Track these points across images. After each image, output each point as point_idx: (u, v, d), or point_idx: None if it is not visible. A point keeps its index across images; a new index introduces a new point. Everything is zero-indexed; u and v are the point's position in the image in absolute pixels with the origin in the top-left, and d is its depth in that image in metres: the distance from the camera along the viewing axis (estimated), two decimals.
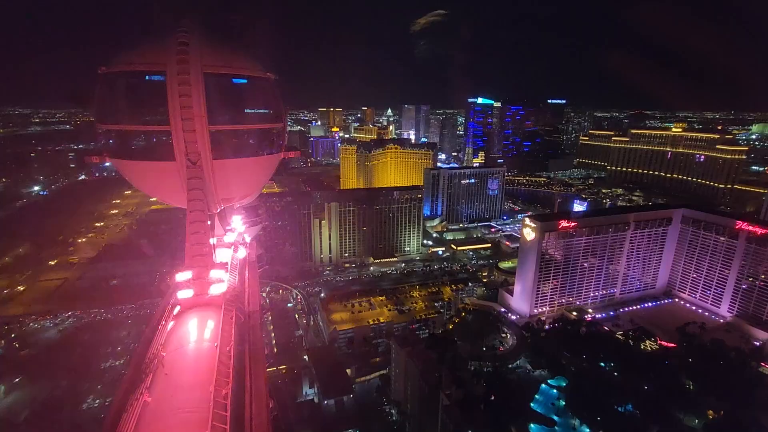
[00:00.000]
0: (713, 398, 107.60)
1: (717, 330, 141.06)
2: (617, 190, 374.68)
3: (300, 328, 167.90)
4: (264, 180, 39.36)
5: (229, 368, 22.47)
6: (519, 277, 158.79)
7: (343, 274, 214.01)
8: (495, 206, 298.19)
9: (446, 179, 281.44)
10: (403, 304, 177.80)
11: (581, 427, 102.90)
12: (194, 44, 28.98)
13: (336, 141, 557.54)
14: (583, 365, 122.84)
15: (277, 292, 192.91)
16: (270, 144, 35.13)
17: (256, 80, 32.98)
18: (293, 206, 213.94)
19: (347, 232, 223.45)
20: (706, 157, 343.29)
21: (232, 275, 32.91)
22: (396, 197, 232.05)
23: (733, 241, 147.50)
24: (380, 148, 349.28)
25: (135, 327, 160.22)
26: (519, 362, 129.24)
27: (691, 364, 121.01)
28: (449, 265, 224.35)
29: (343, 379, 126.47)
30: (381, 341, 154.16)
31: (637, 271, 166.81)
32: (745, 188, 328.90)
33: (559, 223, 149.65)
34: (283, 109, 36.43)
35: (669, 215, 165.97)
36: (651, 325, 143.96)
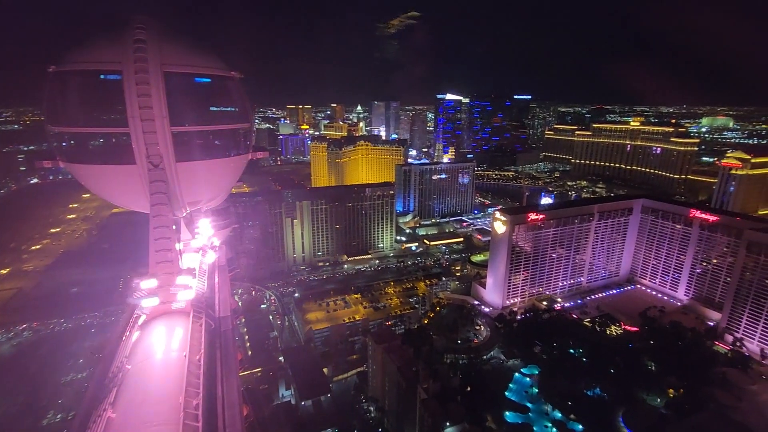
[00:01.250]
0: (673, 377, 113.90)
1: (675, 313, 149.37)
2: (581, 182, 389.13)
3: (275, 329, 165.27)
4: (232, 182, 38.20)
5: (199, 378, 21.72)
6: (491, 269, 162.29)
7: (317, 273, 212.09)
8: (466, 201, 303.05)
9: (417, 175, 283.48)
10: (378, 301, 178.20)
11: (553, 412, 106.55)
12: (152, 41, 27.63)
13: (306, 139, 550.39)
14: (554, 353, 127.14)
15: (250, 294, 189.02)
16: (237, 145, 34.05)
17: (220, 79, 31.83)
18: (264, 206, 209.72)
19: (320, 231, 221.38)
20: (662, 149, 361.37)
21: (200, 281, 31.81)
22: (368, 194, 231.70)
23: (688, 228, 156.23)
24: (351, 145, 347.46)
25: (99, 336, 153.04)
26: (493, 353, 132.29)
27: (653, 346, 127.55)
28: (423, 261, 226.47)
29: (320, 378, 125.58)
30: (357, 339, 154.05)
31: (602, 260, 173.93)
32: (697, 178, 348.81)
33: (528, 216, 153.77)
34: (250, 109, 35.45)
35: (630, 206, 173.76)
36: (615, 311, 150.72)
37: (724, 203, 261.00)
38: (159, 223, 28.36)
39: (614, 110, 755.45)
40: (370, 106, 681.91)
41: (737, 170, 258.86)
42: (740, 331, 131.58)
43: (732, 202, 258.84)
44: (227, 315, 29.59)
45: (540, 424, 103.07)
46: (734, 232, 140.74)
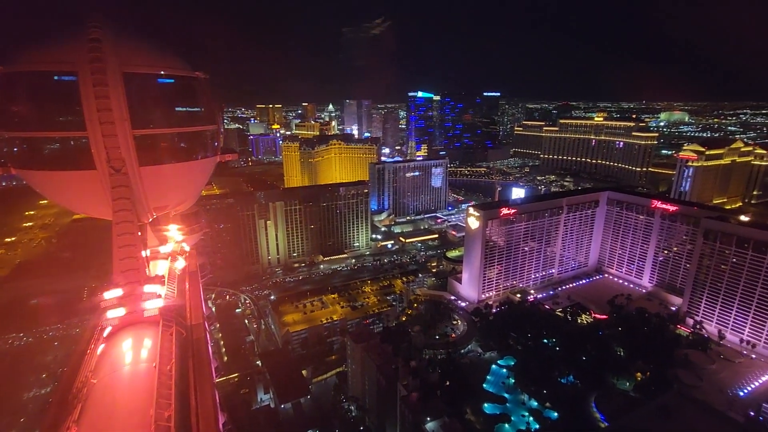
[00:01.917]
0: (640, 361, 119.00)
1: (641, 300, 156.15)
2: (550, 176, 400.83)
3: (251, 333, 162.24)
4: (200, 185, 37.01)
5: (171, 388, 20.97)
6: (466, 264, 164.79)
7: (292, 274, 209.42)
8: (440, 197, 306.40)
9: (391, 173, 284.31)
10: (355, 300, 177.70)
11: (530, 401, 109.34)
12: (108, 41, 26.33)
13: (277, 138, 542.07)
14: (529, 343, 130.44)
15: (224, 299, 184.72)
16: (204, 147, 32.97)
17: (184, 80, 30.69)
18: (236, 208, 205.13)
19: (294, 232, 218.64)
20: (624, 144, 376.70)
21: (170, 288, 30.72)
22: (342, 193, 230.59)
23: (650, 218, 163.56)
24: (324, 144, 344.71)
25: (63, 350, 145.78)
26: (470, 346, 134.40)
27: (621, 332, 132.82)
28: (399, 258, 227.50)
29: (299, 380, 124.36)
30: (336, 339, 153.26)
31: (572, 251, 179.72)
32: (657, 170, 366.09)
33: (501, 210, 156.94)
34: (217, 110, 34.41)
35: (596, 198, 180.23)
36: (586, 300, 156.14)
37: (683, 194, 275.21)
38: (123, 230, 27.16)
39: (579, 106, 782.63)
40: (342, 104, 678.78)
41: (693, 162, 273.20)
42: (700, 315, 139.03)
43: (689, 193, 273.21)
44: (200, 322, 28.70)
45: (517, 414, 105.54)
46: (692, 221, 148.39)
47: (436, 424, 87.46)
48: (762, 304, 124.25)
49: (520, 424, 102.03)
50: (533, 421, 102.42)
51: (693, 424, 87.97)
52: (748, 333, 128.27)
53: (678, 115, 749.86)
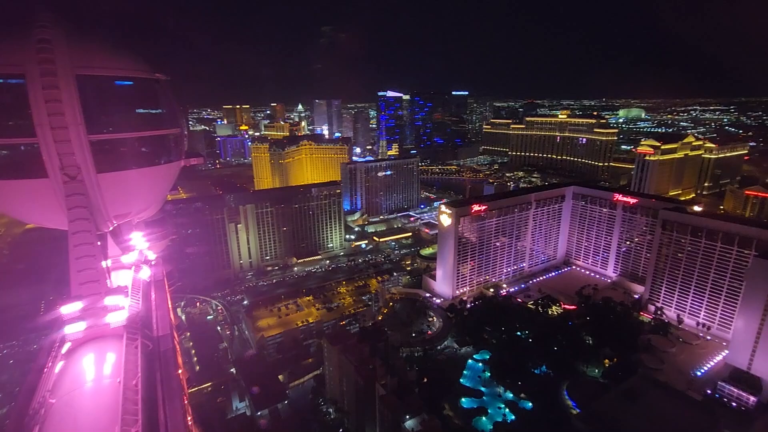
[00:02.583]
0: (607, 348, 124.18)
1: (606, 289, 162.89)
2: (518, 173, 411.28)
3: (224, 340, 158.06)
4: (163, 191, 35.56)
5: (137, 404, 20.08)
6: (440, 261, 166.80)
7: (266, 278, 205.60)
8: (412, 196, 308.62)
9: (363, 173, 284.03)
10: (331, 301, 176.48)
11: (505, 393, 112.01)
12: (59, 41, 24.87)
13: (246, 140, 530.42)
14: (503, 337, 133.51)
15: (195, 306, 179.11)
16: (167, 151, 31.67)
17: (143, 81, 29.37)
18: (204, 212, 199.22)
19: (266, 234, 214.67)
20: (587, 140, 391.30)
21: (134, 299, 29.41)
22: (314, 194, 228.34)
23: (613, 211, 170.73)
24: (294, 145, 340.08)
25: (18, 368, 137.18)
26: (446, 343, 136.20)
27: (589, 321, 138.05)
28: (373, 258, 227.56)
29: (275, 386, 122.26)
30: (312, 342, 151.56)
31: (541, 245, 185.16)
32: (618, 165, 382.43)
33: (472, 207, 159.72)
34: (180, 112, 33.17)
35: (562, 193, 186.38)
36: (555, 292, 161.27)
37: (642, 187, 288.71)
38: (80, 240, 25.76)
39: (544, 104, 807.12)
40: (312, 104, 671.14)
41: (650, 156, 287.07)
42: (660, 301, 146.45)
43: (647, 186, 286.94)
44: (167, 333, 27.62)
45: (494, 406, 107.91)
46: (651, 213, 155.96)
47: (414, 421, 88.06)
48: (715, 288, 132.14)
49: (496, 416, 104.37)
50: (509, 413, 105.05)
51: (656, 405, 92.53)
52: (704, 316, 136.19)
53: (635, 112, 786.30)
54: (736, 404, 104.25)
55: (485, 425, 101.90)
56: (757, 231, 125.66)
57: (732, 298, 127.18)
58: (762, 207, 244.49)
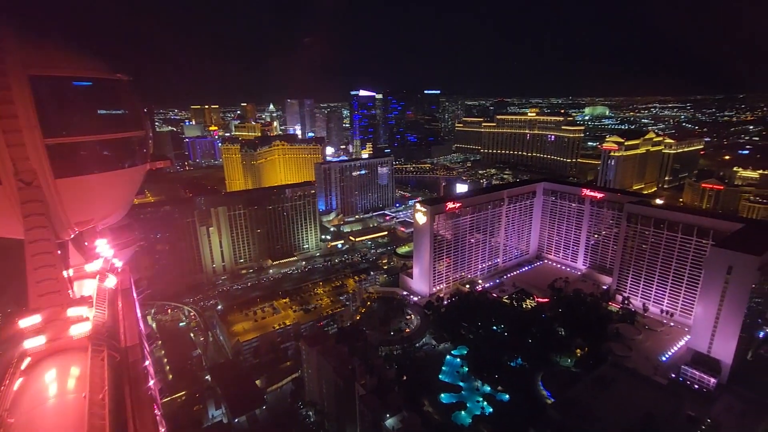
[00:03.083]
0: (579, 339, 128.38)
1: (577, 282, 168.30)
2: (491, 170, 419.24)
3: (197, 347, 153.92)
4: (128, 196, 34.06)
5: (104, 419, 19.15)
6: (416, 259, 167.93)
7: (240, 281, 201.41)
8: (387, 195, 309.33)
9: (338, 173, 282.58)
10: (308, 303, 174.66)
11: (483, 387, 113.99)
12: (10, 41, 23.44)
13: (216, 140, 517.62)
14: (479, 332, 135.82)
15: (166, 313, 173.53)
16: (131, 155, 30.33)
17: (103, 82, 27.99)
18: (174, 215, 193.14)
19: (240, 237, 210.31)
20: (555, 137, 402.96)
21: (99, 309, 28.06)
22: (288, 195, 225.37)
23: (581, 206, 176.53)
24: (266, 145, 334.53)
25: None
26: (424, 340, 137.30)
27: (561, 313, 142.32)
28: (350, 257, 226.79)
29: (252, 391, 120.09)
30: (289, 344, 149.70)
31: (514, 241, 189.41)
32: (585, 161, 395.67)
33: (446, 205, 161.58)
34: (144, 114, 31.85)
35: (533, 189, 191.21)
36: (529, 286, 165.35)
37: (607, 181, 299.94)
38: (38, 249, 24.36)
39: (513, 102, 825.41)
40: (284, 104, 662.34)
41: (615, 152, 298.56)
42: (627, 291, 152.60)
43: (613, 180, 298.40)
44: (136, 343, 26.48)
45: (472, 400, 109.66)
46: (617, 206, 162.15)
47: (395, 419, 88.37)
48: (677, 277, 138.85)
49: (475, 410, 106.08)
50: (487, 406, 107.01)
51: (625, 390, 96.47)
52: (667, 304, 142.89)
53: (600, 110, 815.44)
54: (698, 386, 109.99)
55: (464, 419, 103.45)
56: (714, 222, 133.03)
57: (692, 285, 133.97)
58: (717, 198, 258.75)
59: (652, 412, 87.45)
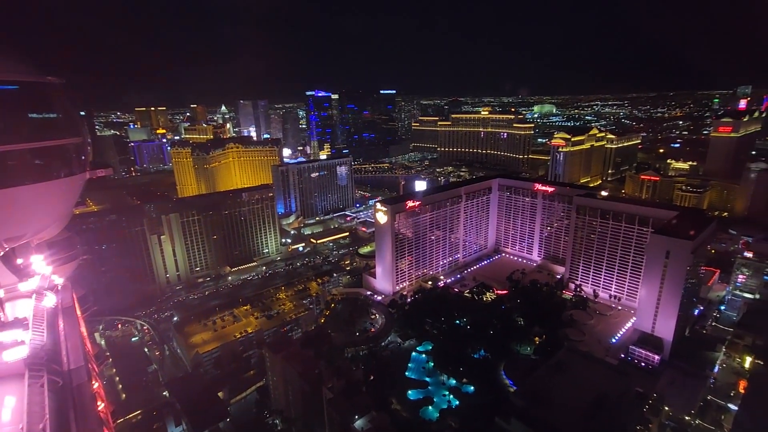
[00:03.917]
0: (537, 327, 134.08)
1: (533, 273, 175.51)
2: (448, 168, 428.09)
3: (153, 362, 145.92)
4: (65, 208, 31.36)
5: None
6: (378, 259, 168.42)
7: (197, 290, 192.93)
8: (347, 195, 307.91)
9: (296, 174, 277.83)
10: (270, 308, 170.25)
11: (449, 381, 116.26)
12: None
13: (164, 144, 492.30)
14: (443, 327, 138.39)
15: (116, 329, 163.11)
16: (66, 163, 27.92)
17: (32, 86, 25.60)
18: (120, 225, 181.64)
19: (195, 244, 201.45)
20: (508, 134, 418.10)
21: (36, 332, 25.79)
22: (245, 199, 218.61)
23: (534, 200, 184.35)
24: (220, 148, 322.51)
25: None
26: (390, 338, 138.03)
27: (519, 304, 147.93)
28: (312, 260, 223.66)
29: (215, 404, 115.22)
30: (253, 353, 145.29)
31: (473, 236, 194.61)
32: (535, 157, 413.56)
33: (406, 204, 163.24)
34: (81, 119, 29.51)
35: (489, 185, 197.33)
36: (488, 279, 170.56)
37: (557, 176, 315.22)
38: None
39: (467, 101, 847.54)
40: (236, 105, 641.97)
41: (562, 148, 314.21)
42: (579, 279, 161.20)
43: (562, 175, 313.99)
44: (80, 365, 24.56)
45: (439, 395, 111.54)
46: (566, 199, 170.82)
47: (364, 420, 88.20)
48: (622, 263, 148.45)
49: (442, 403, 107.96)
50: (453, 399, 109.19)
51: (581, 373, 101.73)
52: (615, 289, 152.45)
53: (547, 108, 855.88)
54: (645, 364, 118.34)
55: (432, 414, 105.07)
56: (653, 211, 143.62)
57: (636, 270, 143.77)
58: (654, 189, 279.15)
59: (605, 392, 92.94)
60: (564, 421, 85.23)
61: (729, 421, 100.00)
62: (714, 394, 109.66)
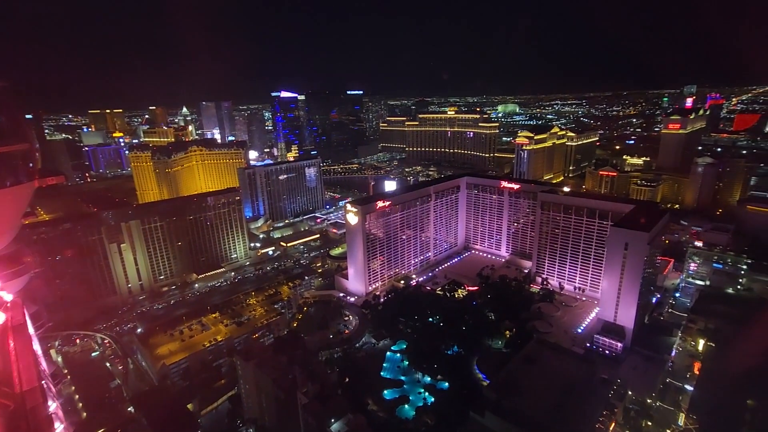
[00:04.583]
0: (507, 321, 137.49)
1: (502, 268, 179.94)
2: (417, 167, 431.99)
3: (116, 377, 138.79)
4: (13, 218, 29.27)
5: None
6: (350, 260, 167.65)
7: (161, 299, 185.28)
8: (316, 197, 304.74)
9: (263, 177, 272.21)
10: (240, 315, 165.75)
11: (424, 378, 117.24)
12: None
13: (122, 148, 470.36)
14: (417, 325, 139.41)
15: (74, 344, 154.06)
16: (13, 171, 26.01)
17: None
18: (76, 234, 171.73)
19: (158, 252, 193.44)
20: (474, 133, 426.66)
21: None
22: (211, 203, 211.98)
23: (501, 197, 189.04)
24: (182, 151, 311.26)
25: None
26: (364, 339, 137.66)
27: (490, 299, 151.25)
28: (282, 264, 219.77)
29: (184, 417, 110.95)
30: (223, 361, 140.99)
31: (443, 234, 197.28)
32: (501, 155, 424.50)
33: (377, 204, 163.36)
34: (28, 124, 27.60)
35: (457, 184, 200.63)
36: (459, 276, 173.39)
37: (522, 173, 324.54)
38: None
39: (433, 101, 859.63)
40: (198, 107, 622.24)
41: (526, 146, 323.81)
42: (545, 273, 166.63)
43: (526, 172, 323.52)
44: (34, 386, 22.93)
45: (414, 393, 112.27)
46: (532, 196, 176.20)
47: (340, 423, 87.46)
48: (585, 256, 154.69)
49: (417, 401, 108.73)
50: (429, 396, 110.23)
51: (550, 364, 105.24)
52: (579, 281, 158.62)
53: (511, 107, 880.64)
54: (609, 351, 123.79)
55: (408, 412, 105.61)
56: (612, 205, 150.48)
57: (598, 262, 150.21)
58: (612, 184, 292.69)
59: (573, 380, 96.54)
60: (535, 410, 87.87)
61: (686, 401, 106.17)
62: (672, 376, 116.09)
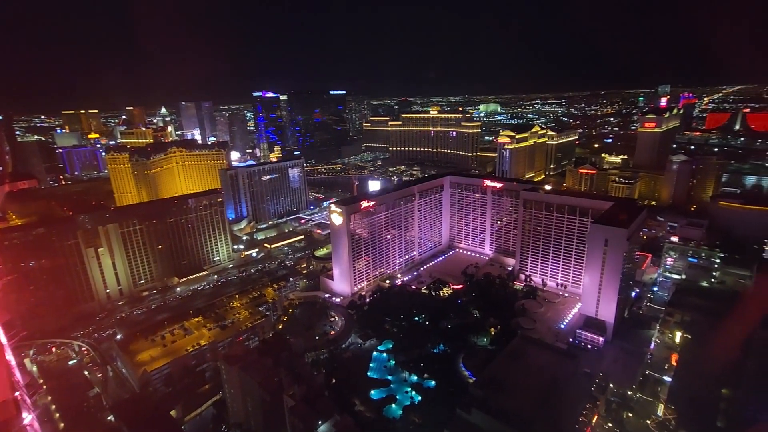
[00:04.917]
0: (492, 318, 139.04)
1: (486, 266, 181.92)
2: (400, 167, 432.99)
3: (94, 385, 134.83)
4: None
5: None
6: (335, 260, 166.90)
7: (141, 304, 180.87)
8: (300, 198, 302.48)
9: (246, 178, 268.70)
10: (224, 318, 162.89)
11: (410, 377, 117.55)
12: None
13: (98, 150, 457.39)
14: (402, 324, 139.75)
15: (50, 352, 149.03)
16: None
17: None
18: (51, 239, 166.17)
19: (137, 256, 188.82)
20: (456, 133, 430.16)
21: None
22: (192, 205, 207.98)
23: (484, 196, 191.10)
24: (161, 153, 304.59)
25: None
26: (350, 339, 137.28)
27: (475, 297, 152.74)
28: (266, 265, 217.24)
29: (167, 424, 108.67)
30: (206, 366, 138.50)
31: (427, 233, 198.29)
32: (483, 154, 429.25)
33: (361, 204, 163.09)
34: None
35: (440, 183, 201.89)
36: (444, 275, 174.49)
37: (504, 172, 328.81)
38: None
39: (416, 101, 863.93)
40: (178, 107, 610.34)
41: (508, 145, 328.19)
42: (528, 270, 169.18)
43: (509, 171, 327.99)
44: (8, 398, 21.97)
45: (401, 392, 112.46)
46: (514, 194, 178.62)
47: (327, 425, 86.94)
48: (567, 252, 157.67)
49: (405, 400, 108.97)
50: (416, 395, 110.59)
51: (534, 359, 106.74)
52: (561, 277, 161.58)
53: (492, 107, 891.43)
54: (591, 346, 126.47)
55: (395, 412, 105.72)
56: (592, 202, 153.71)
57: (579, 259, 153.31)
58: (592, 181, 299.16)
59: (557, 375, 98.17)
60: (521, 406, 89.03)
61: (665, 392, 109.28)
62: (651, 368, 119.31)
